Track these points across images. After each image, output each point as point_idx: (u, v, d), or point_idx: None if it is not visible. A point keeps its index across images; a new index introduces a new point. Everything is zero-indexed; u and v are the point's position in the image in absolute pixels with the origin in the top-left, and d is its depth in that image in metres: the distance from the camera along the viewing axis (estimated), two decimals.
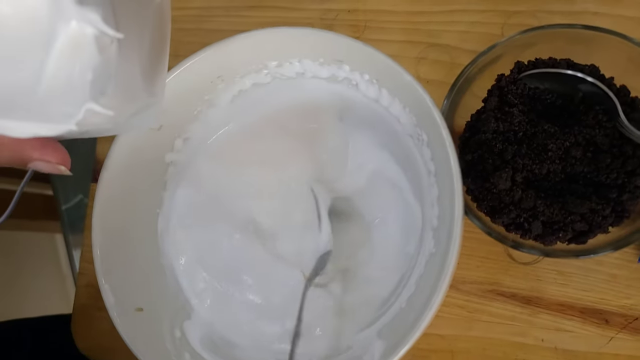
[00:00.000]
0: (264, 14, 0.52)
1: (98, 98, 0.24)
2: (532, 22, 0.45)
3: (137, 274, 0.39)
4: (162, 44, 0.32)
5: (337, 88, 0.40)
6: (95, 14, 0.23)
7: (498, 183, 0.37)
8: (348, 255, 0.43)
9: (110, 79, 0.25)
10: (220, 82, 0.41)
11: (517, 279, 0.42)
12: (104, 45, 0.24)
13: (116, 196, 0.38)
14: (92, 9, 0.23)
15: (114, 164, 0.37)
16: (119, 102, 0.26)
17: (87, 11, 0.23)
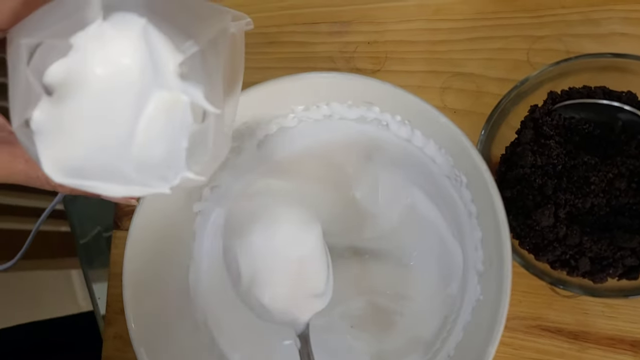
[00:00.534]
0: (282, 49, 0.51)
1: (193, 166, 0.25)
2: (558, 46, 0.44)
3: (172, 332, 0.38)
4: (236, 78, 0.32)
5: (366, 128, 0.39)
6: (197, 90, 0.24)
7: (541, 220, 0.36)
8: (383, 297, 0.42)
9: (207, 148, 0.25)
10: (246, 128, 0.40)
11: (562, 313, 0.41)
12: (200, 115, 0.25)
13: (146, 250, 0.37)
14: (195, 85, 0.24)
15: (141, 223, 0.36)
16: (211, 168, 0.27)
17: (189, 86, 0.24)
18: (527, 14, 0.45)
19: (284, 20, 0.52)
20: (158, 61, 0.23)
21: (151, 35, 0.23)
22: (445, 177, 0.37)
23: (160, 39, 0.23)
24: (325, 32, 0.51)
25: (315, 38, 0.51)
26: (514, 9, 0.45)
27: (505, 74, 0.45)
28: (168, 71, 0.23)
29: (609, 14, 0.43)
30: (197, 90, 0.24)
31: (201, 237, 0.41)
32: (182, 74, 0.24)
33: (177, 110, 0.24)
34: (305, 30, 0.51)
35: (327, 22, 0.51)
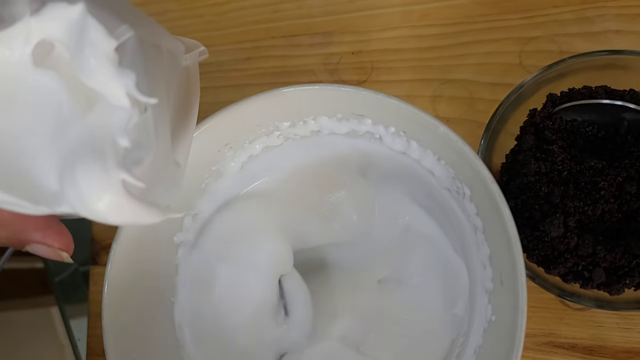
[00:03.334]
0: (261, 64, 0.49)
1: (131, 168, 0.21)
2: (551, 47, 0.42)
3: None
4: (190, 109, 0.29)
5: (358, 143, 0.37)
6: (129, 76, 0.21)
7: (549, 230, 0.34)
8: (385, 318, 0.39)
9: (148, 146, 0.23)
10: (229, 149, 0.37)
11: (574, 328, 0.39)
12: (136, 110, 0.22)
13: (126, 290, 0.34)
14: (126, 71, 0.21)
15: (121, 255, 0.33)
16: (151, 173, 0.23)
17: (120, 73, 0.21)
18: (517, 15, 0.43)
19: (260, 35, 0.50)
20: (90, 47, 0.21)
21: (84, 21, 0.20)
22: (445, 189, 0.35)
23: (94, 23, 0.21)
24: (305, 45, 0.48)
25: (295, 51, 0.48)
26: (503, 11, 0.43)
27: (498, 79, 0.43)
28: (100, 58, 0.21)
29: (602, 12, 0.41)
30: (128, 77, 0.21)
31: (185, 270, 0.38)
32: (116, 61, 0.21)
33: (111, 101, 0.21)
34: (283, 43, 0.49)
35: (307, 34, 0.48)
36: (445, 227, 0.37)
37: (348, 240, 0.40)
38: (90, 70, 0.21)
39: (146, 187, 0.22)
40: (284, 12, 0.49)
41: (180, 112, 0.29)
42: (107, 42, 0.21)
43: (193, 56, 0.29)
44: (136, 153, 0.22)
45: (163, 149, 0.24)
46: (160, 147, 0.24)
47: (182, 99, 0.28)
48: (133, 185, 0.21)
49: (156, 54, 0.25)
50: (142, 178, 0.22)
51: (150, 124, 0.22)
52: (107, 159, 0.21)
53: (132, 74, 0.21)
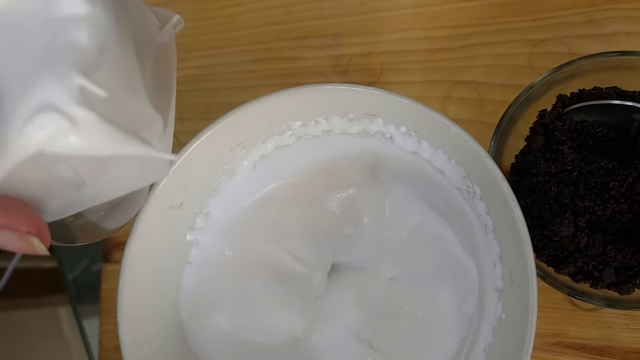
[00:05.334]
0: (271, 66, 0.49)
1: (91, 72, 0.19)
2: (561, 48, 0.42)
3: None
4: (169, 81, 0.28)
5: (369, 143, 0.37)
6: None
7: (559, 230, 0.34)
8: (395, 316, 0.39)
9: (104, 50, 0.20)
10: (241, 148, 0.37)
11: (583, 328, 0.39)
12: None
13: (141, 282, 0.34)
14: None
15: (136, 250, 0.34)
16: (115, 88, 0.21)
17: None
18: (526, 17, 0.43)
19: (271, 37, 0.50)
20: None
21: None
22: (456, 189, 0.35)
23: None
24: (315, 46, 0.49)
25: (306, 53, 0.49)
26: (512, 13, 0.44)
27: (507, 80, 0.43)
28: None
29: (611, 14, 0.42)
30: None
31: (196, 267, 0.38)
32: None
33: None
34: (294, 45, 0.49)
35: (317, 35, 0.49)
36: (455, 226, 0.37)
37: (359, 239, 0.40)
38: None
39: (110, 100, 0.20)
40: (294, 14, 0.49)
41: (161, 86, 0.27)
42: None
43: (168, 30, 0.27)
44: (94, 58, 0.20)
45: (125, 63, 0.22)
46: (122, 58, 0.21)
47: (161, 75, 0.27)
48: (93, 93, 0.19)
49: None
50: (103, 85, 0.19)
51: (104, 26, 0.20)
52: (59, 63, 0.19)
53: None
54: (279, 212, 0.39)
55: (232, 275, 0.39)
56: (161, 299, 0.36)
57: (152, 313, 0.35)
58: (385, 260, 0.40)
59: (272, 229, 0.39)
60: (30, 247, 0.21)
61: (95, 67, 0.20)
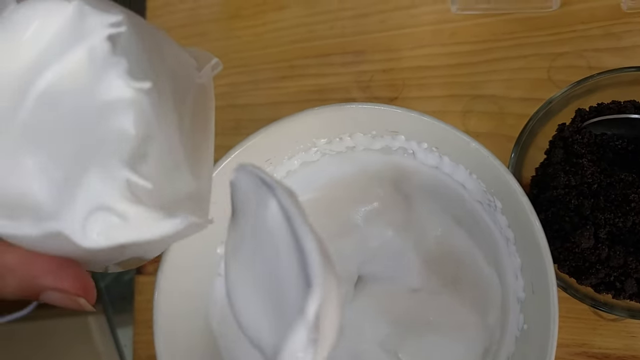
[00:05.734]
0: (296, 83, 0.51)
1: (137, 165, 0.20)
2: (580, 62, 0.43)
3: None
4: (207, 126, 0.29)
5: (392, 158, 0.38)
6: (120, 62, 0.21)
7: (580, 242, 0.35)
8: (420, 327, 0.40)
9: (150, 140, 0.21)
10: (269, 165, 0.39)
11: (607, 338, 0.39)
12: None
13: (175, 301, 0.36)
14: (119, 60, 0.21)
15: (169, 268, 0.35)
16: (160, 174, 0.22)
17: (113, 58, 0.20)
18: (544, 32, 0.44)
19: (295, 54, 0.52)
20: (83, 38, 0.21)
21: (80, 10, 0.21)
22: (477, 202, 0.36)
23: (90, 10, 0.21)
24: (338, 63, 0.50)
25: (329, 69, 0.50)
26: (531, 28, 0.45)
27: (527, 94, 0.44)
28: (92, 49, 0.20)
29: (629, 27, 0.42)
30: (121, 63, 0.20)
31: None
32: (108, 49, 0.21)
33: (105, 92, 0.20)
34: (317, 62, 0.51)
35: (339, 53, 0.50)
36: (478, 238, 0.38)
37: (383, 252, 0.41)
38: (85, 63, 0.20)
39: (154, 190, 0.21)
40: (317, 32, 0.51)
41: (199, 128, 0.28)
42: (100, 29, 0.20)
43: (207, 72, 0.28)
44: (139, 147, 0.21)
45: (169, 145, 0.23)
46: (165, 140, 0.22)
47: (199, 116, 0.28)
48: (140, 185, 0.20)
49: (155, 44, 0.24)
50: (149, 177, 0.20)
51: (149, 112, 0.21)
52: (108, 157, 0.20)
53: (123, 59, 0.20)
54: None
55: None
56: (194, 311, 0.37)
57: (186, 325, 0.36)
58: (409, 272, 0.41)
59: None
60: (77, 305, 0.22)
61: (141, 158, 0.21)
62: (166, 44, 0.25)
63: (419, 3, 0.48)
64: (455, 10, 0.46)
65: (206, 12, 0.55)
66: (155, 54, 0.23)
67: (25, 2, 0.21)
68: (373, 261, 0.42)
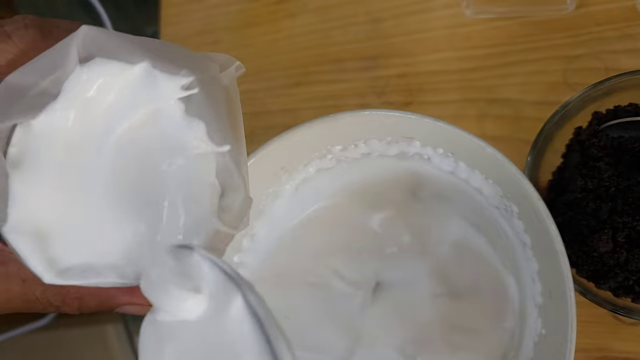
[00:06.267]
0: (311, 89, 0.51)
1: (223, 215, 0.22)
2: (596, 64, 0.43)
3: None
4: (237, 128, 0.28)
5: (407, 164, 0.38)
6: (200, 125, 0.22)
7: (598, 246, 0.34)
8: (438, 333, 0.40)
9: (235, 190, 0.22)
10: (284, 172, 0.39)
11: (628, 342, 0.39)
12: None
13: None
14: (197, 120, 0.21)
15: None
16: (241, 216, 0.23)
17: (192, 121, 0.21)
18: (560, 34, 0.44)
19: (309, 61, 0.52)
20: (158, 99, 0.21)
21: (149, 73, 0.21)
22: (494, 207, 0.36)
23: (160, 74, 0.21)
24: (352, 69, 0.50)
25: (343, 75, 0.50)
26: (546, 31, 0.44)
27: (543, 97, 0.44)
28: (170, 110, 0.21)
29: None
30: (200, 126, 0.21)
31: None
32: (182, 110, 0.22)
33: (189, 158, 0.22)
34: (332, 68, 0.51)
35: (354, 58, 0.50)
36: (495, 243, 0.38)
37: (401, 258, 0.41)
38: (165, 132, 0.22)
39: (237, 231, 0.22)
40: (332, 38, 0.51)
41: (236, 130, 0.28)
42: (173, 91, 0.21)
43: (230, 74, 0.28)
44: (224, 200, 0.22)
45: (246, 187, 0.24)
46: (246, 186, 0.23)
47: (230, 120, 0.28)
48: (225, 233, 0.22)
49: (216, 87, 0.25)
50: (233, 224, 0.22)
51: (231, 166, 0.22)
52: (200, 209, 0.21)
53: (200, 123, 0.21)
54: (321, 232, 0.41)
55: (277, 295, 0.40)
56: None
57: None
58: (427, 277, 0.41)
59: (315, 249, 0.41)
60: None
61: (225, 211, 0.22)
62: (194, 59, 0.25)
63: (433, 7, 0.48)
64: (470, 14, 0.46)
65: (220, 20, 0.56)
66: (224, 106, 0.24)
67: (89, 64, 0.21)
68: (390, 267, 0.42)
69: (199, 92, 0.22)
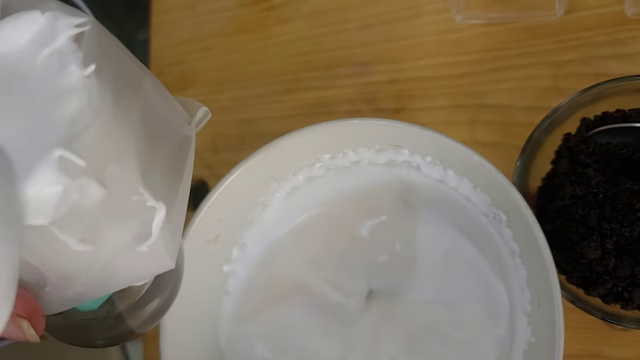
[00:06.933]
0: (301, 96, 0.51)
1: (71, 142, 0.20)
2: (585, 69, 0.43)
3: None
4: (183, 173, 0.27)
5: (397, 172, 0.38)
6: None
7: (587, 253, 0.34)
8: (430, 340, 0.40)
9: (90, 118, 0.21)
10: (273, 181, 0.39)
11: (619, 348, 0.39)
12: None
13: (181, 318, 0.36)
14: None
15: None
16: (97, 156, 0.21)
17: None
18: (549, 40, 0.44)
19: (300, 67, 0.52)
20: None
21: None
22: (483, 215, 0.36)
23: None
24: (343, 75, 0.50)
25: (334, 82, 0.50)
26: (536, 36, 0.44)
27: (533, 103, 0.44)
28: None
29: (634, 33, 0.42)
30: (77, 54, 0.22)
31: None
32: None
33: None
34: (322, 75, 0.51)
35: (344, 65, 0.50)
36: (484, 250, 0.38)
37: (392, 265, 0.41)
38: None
39: (89, 167, 0.20)
40: (322, 44, 0.51)
41: (175, 174, 0.26)
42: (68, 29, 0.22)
43: (196, 123, 0.28)
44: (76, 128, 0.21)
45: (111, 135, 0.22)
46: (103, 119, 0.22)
47: (177, 162, 0.27)
48: (73, 162, 0.20)
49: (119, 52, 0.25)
50: (83, 153, 0.20)
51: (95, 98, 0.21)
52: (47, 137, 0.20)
53: (80, 52, 0.22)
54: (312, 241, 0.41)
55: (269, 304, 0.40)
56: (201, 329, 0.38)
57: (193, 343, 0.37)
58: (419, 285, 0.41)
59: (306, 258, 0.41)
60: (19, 331, 0.19)
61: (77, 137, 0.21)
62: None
63: (423, 13, 0.48)
64: (460, 20, 0.46)
65: (211, 27, 0.55)
66: (117, 57, 0.24)
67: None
68: (382, 275, 0.42)
69: (92, 31, 0.22)
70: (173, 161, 0.26)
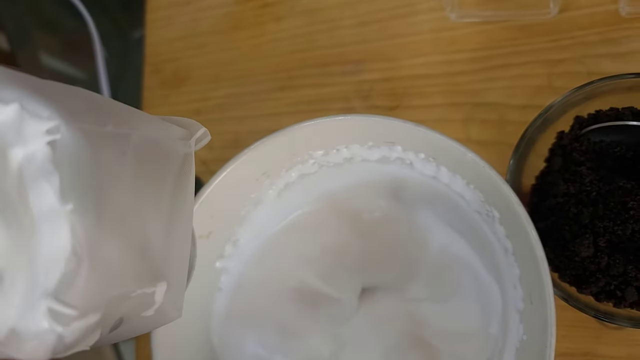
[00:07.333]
0: (295, 93, 0.51)
1: (61, 292, 0.18)
2: (579, 68, 0.43)
3: None
4: (184, 197, 0.26)
5: (390, 169, 0.38)
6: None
7: (580, 251, 0.34)
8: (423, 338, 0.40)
9: (75, 263, 0.19)
10: (266, 178, 0.39)
11: (611, 346, 0.39)
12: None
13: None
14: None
15: None
16: (90, 297, 0.19)
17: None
18: (543, 39, 0.44)
19: (294, 65, 0.52)
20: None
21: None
22: (475, 212, 0.36)
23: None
24: (338, 73, 0.50)
25: (329, 79, 0.50)
26: (530, 35, 0.44)
27: (527, 101, 0.44)
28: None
29: (628, 32, 0.42)
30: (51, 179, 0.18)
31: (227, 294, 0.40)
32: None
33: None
34: (317, 72, 0.51)
35: (339, 62, 0.50)
36: (478, 248, 0.38)
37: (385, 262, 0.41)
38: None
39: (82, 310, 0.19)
40: (317, 42, 0.51)
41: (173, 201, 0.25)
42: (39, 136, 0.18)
43: (189, 146, 0.26)
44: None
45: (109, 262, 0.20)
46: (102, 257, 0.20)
47: (175, 185, 0.25)
48: (63, 313, 0.18)
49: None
50: (75, 301, 0.18)
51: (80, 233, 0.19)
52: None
53: (55, 176, 0.18)
54: (305, 238, 0.41)
55: (261, 301, 0.40)
56: (193, 325, 0.37)
57: (185, 340, 0.36)
58: (412, 282, 0.41)
59: (300, 255, 0.41)
60: None
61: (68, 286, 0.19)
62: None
63: (418, 11, 0.48)
64: (454, 18, 0.46)
65: (205, 24, 0.55)
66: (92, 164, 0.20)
67: None
68: (376, 272, 0.42)
69: (67, 137, 0.19)
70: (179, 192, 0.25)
